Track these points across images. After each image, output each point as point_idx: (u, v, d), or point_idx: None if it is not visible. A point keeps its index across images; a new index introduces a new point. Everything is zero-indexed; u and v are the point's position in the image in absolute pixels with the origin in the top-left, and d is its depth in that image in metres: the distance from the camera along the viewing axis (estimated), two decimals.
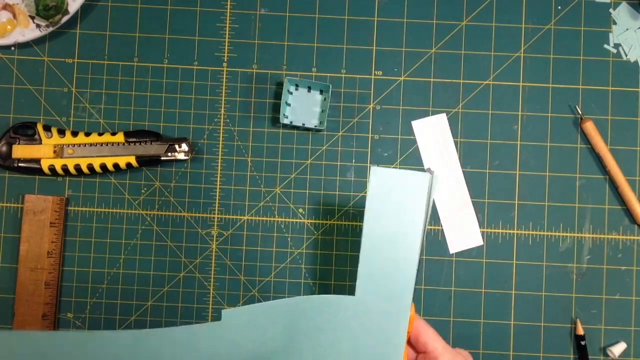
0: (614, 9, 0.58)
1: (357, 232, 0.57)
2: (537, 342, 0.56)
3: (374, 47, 0.58)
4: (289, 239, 0.57)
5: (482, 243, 0.57)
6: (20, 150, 0.56)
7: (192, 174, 0.57)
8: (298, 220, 0.57)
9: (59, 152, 0.56)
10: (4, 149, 0.56)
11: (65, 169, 0.56)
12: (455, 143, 0.57)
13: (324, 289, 0.57)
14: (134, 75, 0.58)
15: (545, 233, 0.57)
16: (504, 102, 0.58)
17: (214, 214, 0.57)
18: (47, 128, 0.56)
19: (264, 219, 0.57)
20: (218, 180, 0.57)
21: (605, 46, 0.58)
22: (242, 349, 0.39)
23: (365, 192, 0.57)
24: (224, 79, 0.58)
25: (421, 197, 0.38)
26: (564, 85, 0.58)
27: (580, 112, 0.57)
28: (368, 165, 0.57)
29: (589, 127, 0.56)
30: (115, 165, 0.56)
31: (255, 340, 0.39)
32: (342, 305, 0.38)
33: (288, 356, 0.39)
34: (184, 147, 0.56)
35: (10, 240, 0.57)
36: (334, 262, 0.57)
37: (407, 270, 0.38)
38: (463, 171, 0.57)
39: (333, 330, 0.38)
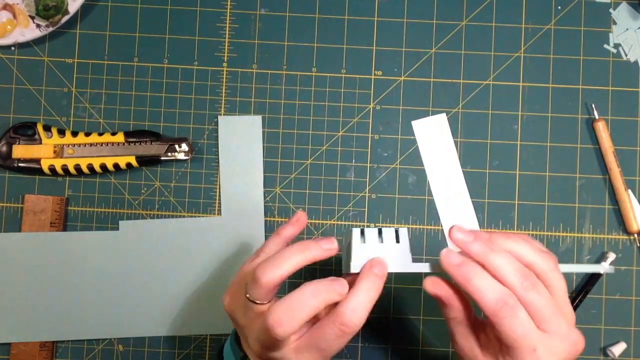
0: (614, 9, 0.58)
1: None
2: None
3: (374, 47, 0.58)
4: None
5: None
6: (20, 150, 0.56)
7: (192, 174, 0.57)
8: None
9: (59, 152, 0.56)
10: (4, 149, 0.56)
11: (65, 169, 0.56)
12: (455, 143, 0.57)
13: None
14: (134, 75, 0.58)
15: (545, 233, 0.57)
16: (504, 102, 0.58)
17: (214, 214, 0.57)
18: (47, 128, 0.56)
19: (265, 218, 0.57)
20: (218, 180, 0.57)
21: (605, 46, 0.58)
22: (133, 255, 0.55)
23: (365, 192, 0.57)
24: (224, 79, 0.58)
25: (258, 135, 0.56)
26: (564, 85, 0.58)
27: (596, 112, 0.56)
28: (368, 165, 0.57)
29: (599, 126, 0.56)
30: (115, 165, 0.56)
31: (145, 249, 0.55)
32: (212, 224, 0.56)
33: (171, 261, 0.55)
34: (184, 147, 0.56)
35: None
36: (333, 262, 0.56)
37: (256, 190, 0.56)
38: (463, 171, 0.57)
39: (207, 242, 0.56)
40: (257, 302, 0.38)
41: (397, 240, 0.39)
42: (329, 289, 0.37)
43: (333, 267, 0.56)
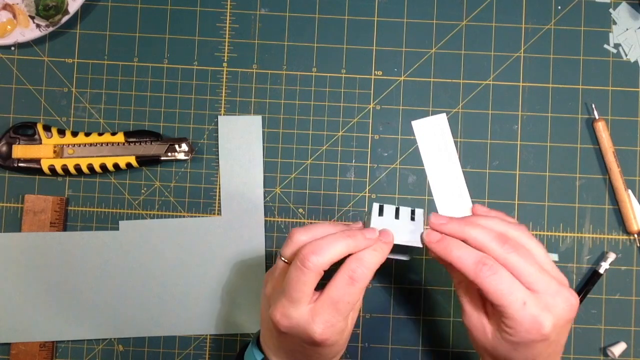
0: (614, 9, 0.58)
1: None
2: None
3: (374, 47, 0.58)
4: None
5: None
6: (20, 150, 0.56)
7: (192, 174, 0.57)
8: (298, 220, 0.57)
9: (59, 152, 0.56)
10: (4, 149, 0.56)
11: (65, 169, 0.56)
12: (455, 143, 0.57)
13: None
14: (134, 75, 0.58)
15: (545, 233, 0.57)
16: (504, 102, 0.58)
17: (214, 214, 0.57)
18: (47, 128, 0.56)
19: (264, 219, 0.57)
20: (218, 180, 0.57)
21: (605, 46, 0.58)
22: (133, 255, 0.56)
23: (365, 192, 0.57)
24: (224, 79, 0.58)
25: (258, 135, 0.57)
26: (564, 85, 0.58)
27: (596, 112, 0.56)
28: (368, 165, 0.57)
29: (599, 126, 0.56)
30: (115, 165, 0.56)
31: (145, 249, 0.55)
32: (212, 224, 0.56)
33: (171, 261, 0.55)
34: (184, 147, 0.56)
35: None
36: None
37: (256, 190, 0.56)
38: (463, 171, 0.57)
39: (207, 242, 0.56)
40: (286, 260, 0.41)
41: (412, 219, 0.42)
42: (360, 235, 0.39)
43: None
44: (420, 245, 0.41)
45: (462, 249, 0.38)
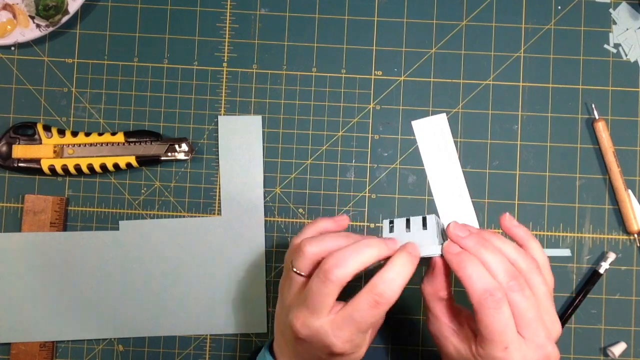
0: (614, 9, 0.58)
1: (357, 232, 0.57)
2: None
3: (374, 47, 0.58)
4: (289, 239, 0.57)
5: None
6: (20, 150, 0.56)
7: (192, 174, 0.57)
8: (298, 220, 0.57)
9: (59, 152, 0.56)
10: (4, 149, 0.56)
11: (65, 169, 0.56)
12: (455, 143, 0.57)
13: None
14: (134, 75, 0.58)
15: (545, 233, 0.57)
16: (504, 102, 0.58)
17: (214, 214, 0.57)
18: (47, 128, 0.56)
19: (264, 219, 0.57)
20: (218, 180, 0.57)
21: (605, 46, 0.58)
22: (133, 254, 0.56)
23: (365, 192, 0.57)
24: (224, 79, 0.58)
25: (258, 135, 0.56)
26: (564, 85, 0.58)
27: (596, 112, 0.56)
28: (368, 165, 0.57)
29: (599, 126, 0.56)
30: (115, 165, 0.56)
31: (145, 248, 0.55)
32: (212, 224, 0.56)
33: (171, 261, 0.55)
34: (184, 147, 0.56)
35: None
36: None
37: (256, 190, 0.56)
38: (463, 171, 0.57)
39: (207, 242, 0.56)
40: (302, 273, 0.40)
41: (425, 227, 0.41)
42: (381, 243, 0.39)
43: None
44: (441, 254, 0.40)
45: (478, 269, 0.37)
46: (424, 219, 0.41)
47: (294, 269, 0.40)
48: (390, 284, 0.37)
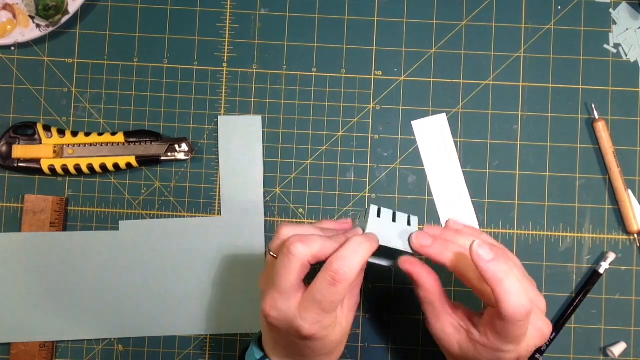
0: (614, 9, 0.58)
1: None
2: None
3: (374, 47, 0.58)
4: None
5: None
6: (20, 150, 0.56)
7: (192, 174, 0.57)
8: (298, 220, 0.57)
9: (59, 152, 0.56)
10: (4, 149, 0.56)
11: (65, 169, 0.56)
12: (455, 143, 0.57)
13: None
14: (134, 75, 0.58)
15: (545, 233, 0.57)
16: (504, 102, 0.58)
17: (214, 214, 0.57)
18: (47, 128, 0.56)
19: (264, 219, 0.57)
20: (218, 180, 0.57)
21: (605, 46, 0.58)
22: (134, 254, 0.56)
23: (365, 192, 0.57)
24: (224, 79, 0.58)
25: (258, 135, 0.57)
26: (564, 85, 0.58)
27: (595, 112, 0.56)
28: (368, 165, 0.57)
29: (599, 126, 0.56)
30: (115, 165, 0.56)
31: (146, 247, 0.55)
32: (212, 224, 0.56)
33: (171, 261, 0.56)
34: (184, 147, 0.56)
35: None
36: None
37: (256, 190, 0.56)
38: (463, 171, 0.57)
39: (207, 242, 0.56)
40: (275, 255, 0.41)
41: (409, 224, 0.43)
42: (370, 237, 0.40)
43: None
44: (410, 251, 0.42)
45: (455, 248, 0.41)
46: (409, 217, 0.44)
47: (270, 252, 0.42)
48: (346, 262, 0.38)
